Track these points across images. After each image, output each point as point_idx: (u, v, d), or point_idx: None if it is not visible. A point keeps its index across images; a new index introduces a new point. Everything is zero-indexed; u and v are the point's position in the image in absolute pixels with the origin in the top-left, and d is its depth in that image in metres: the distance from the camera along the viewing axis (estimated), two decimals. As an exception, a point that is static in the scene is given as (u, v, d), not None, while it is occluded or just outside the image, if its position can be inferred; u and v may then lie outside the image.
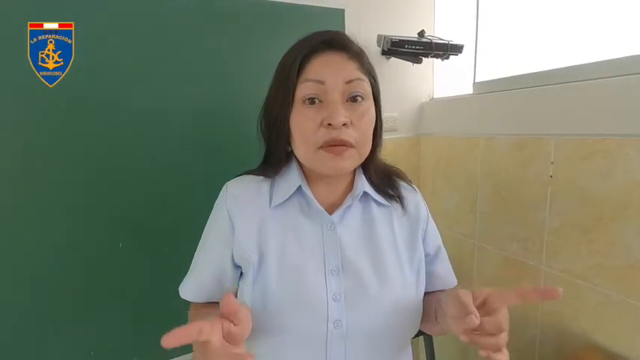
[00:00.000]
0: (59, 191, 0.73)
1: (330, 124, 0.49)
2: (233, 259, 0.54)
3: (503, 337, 0.40)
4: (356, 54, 0.53)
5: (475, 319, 0.38)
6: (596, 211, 0.75)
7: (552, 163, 0.83)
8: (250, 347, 0.53)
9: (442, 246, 0.65)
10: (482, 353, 0.40)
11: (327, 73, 0.50)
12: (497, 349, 0.40)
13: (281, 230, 0.54)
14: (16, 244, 0.71)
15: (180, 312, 0.58)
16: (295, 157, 0.56)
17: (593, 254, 0.76)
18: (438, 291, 0.63)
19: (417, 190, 0.65)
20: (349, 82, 0.50)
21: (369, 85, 0.53)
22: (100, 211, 0.77)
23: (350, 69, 0.51)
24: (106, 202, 0.77)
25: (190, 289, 0.58)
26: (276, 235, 0.53)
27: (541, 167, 0.85)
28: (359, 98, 0.51)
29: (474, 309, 0.39)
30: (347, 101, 0.51)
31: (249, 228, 0.53)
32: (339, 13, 0.99)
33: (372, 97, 0.54)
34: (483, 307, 0.41)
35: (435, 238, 0.63)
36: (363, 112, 0.51)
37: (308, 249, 0.53)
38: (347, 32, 0.57)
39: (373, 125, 0.54)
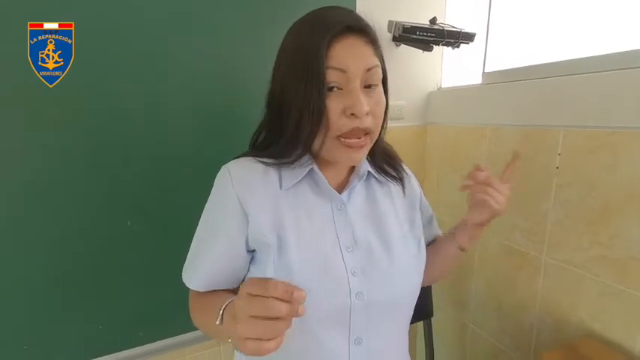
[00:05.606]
0: (57, 191, 0.74)
1: (352, 114, 0.49)
2: (247, 244, 0.54)
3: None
4: (372, 38, 0.52)
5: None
6: (601, 203, 0.76)
7: (559, 154, 0.83)
8: None
9: (433, 214, 0.73)
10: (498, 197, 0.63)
11: (350, 61, 0.48)
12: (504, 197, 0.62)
13: (294, 210, 0.54)
14: (28, 225, 0.72)
15: (185, 289, 0.59)
16: None
17: (595, 245, 0.77)
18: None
19: (409, 171, 0.69)
20: (369, 69, 0.50)
21: (382, 70, 0.53)
22: (106, 196, 0.78)
23: (369, 55, 0.50)
24: (107, 197, 0.78)
25: (199, 279, 0.56)
26: (290, 215, 0.54)
27: (548, 158, 0.85)
28: (373, 85, 0.51)
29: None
30: (364, 88, 0.50)
31: (263, 211, 0.53)
32: (351, -3, 0.96)
33: (382, 81, 0.53)
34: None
35: (428, 208, 0.71)
36: (378, 99, 0.52)
37: (321, 227, 0.54)
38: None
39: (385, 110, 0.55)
